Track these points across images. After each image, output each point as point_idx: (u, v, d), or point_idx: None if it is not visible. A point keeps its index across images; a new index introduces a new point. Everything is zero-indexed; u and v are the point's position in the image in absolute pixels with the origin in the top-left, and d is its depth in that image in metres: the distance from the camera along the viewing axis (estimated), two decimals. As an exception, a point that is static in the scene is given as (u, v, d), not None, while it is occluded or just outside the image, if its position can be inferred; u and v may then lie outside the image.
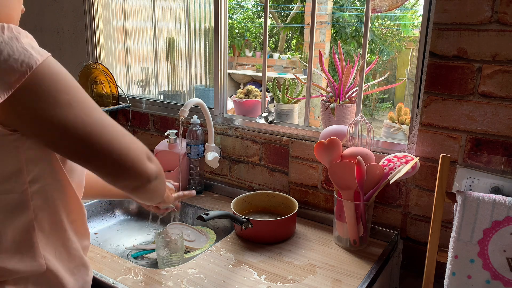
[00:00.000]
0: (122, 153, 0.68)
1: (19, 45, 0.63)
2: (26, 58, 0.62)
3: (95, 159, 0.68)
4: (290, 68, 6.68)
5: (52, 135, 0.65)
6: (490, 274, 0.94)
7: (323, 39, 6.18)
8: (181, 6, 1.83)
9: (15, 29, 0.64)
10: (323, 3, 6.23)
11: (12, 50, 0.62)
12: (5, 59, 0.61)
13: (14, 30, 0.64)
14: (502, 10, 1.02)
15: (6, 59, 0.61)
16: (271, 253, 1.20)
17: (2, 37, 0.62)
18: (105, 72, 1.83)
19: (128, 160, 0.69)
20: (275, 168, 1.51)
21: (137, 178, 0.71)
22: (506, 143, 1.07)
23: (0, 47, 0.61)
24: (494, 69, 1.05)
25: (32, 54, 0.63)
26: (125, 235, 1.49)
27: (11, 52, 0.61)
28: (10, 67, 0.61)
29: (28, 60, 0.62)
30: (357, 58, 1.37)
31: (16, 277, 0.71)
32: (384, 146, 1.30)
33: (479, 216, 0.93)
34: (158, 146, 1.66)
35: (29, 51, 0.63)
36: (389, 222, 1.31)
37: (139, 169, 0.71)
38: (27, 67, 0.62)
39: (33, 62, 0.63)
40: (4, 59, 0.61)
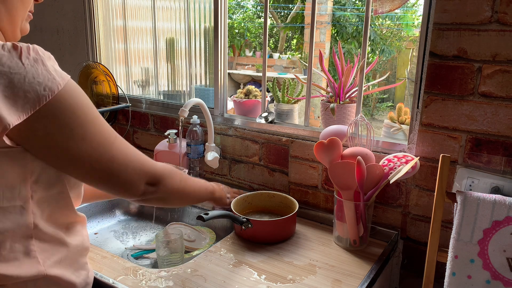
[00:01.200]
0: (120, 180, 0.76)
1: (43, 68, 0.64)
2: (50, 82, 0.64)
3: (96, 182, 0.75)
4: (290, 68, 6.68)
5: (61, 163, 0.71)
6: (490, 274, 0.94)
7: (323, 39, 6.18)
8: (181, 6, 1.83)
9: (40, 51, 0.66)
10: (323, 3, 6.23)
11: (36, 73, 0.63)
12: (30, 81, 0.62)
13: (40, 52, 0.66)
14: (502, 10, 1.02)
15: (30, 82, 0.62)
16: (271, 253, 1.20)
17: (28, 59, 0.63)
18: (105, 72, 1.83)
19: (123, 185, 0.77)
20: (275, 168, 1.51)
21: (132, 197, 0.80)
22: (506, 143, 1.07)
23: (26, 69, 0.63)
24: (494, 69, 1.05)
25: (55, 78, 0.65)
26: (125, 235, 1.50)
27: (36, 74, 0.63)
28: (33, 90, 0.62)
29: (51, 84, 0.64)
30: (357, 58, 1.37)
31: (14, 282, 0.71)
32: (384, 146, 1.30)
33: (479, 216, 0.93)
34: (158, 146, 1.66)
35: (52, 74, 0.65)
36: (389, 222, 1.31)
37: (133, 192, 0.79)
38: (50, 91, 0.64)
39: (55, 87, 0.65)
40: (29, 81, 0.62)
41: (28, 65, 0.63)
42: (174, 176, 0.87)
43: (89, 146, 0.70)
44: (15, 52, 0.63)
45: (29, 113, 0.62)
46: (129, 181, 0.77)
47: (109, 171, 0.74)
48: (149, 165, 0.81)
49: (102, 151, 0.72)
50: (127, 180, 0.76)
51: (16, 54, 0.63)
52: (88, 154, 0.70)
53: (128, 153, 0.77)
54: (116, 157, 0.74)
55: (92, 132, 0.71)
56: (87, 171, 0.72)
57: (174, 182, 0.86)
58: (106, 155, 0.73)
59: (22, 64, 0.63)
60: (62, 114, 0.66)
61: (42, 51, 0.66)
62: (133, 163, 0.77)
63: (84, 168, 0.72)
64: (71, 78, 0.69)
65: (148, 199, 0.82)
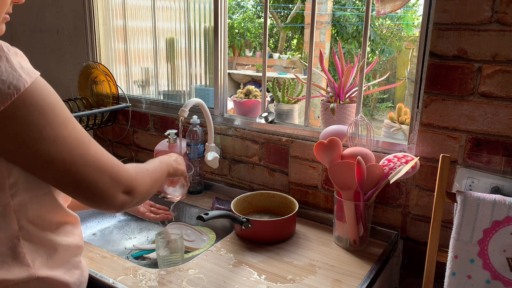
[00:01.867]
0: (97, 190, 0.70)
1: (8, 65, 0.61)
2: (14, 79, 0.60)
3: (70, 190, 0.70)
4: (290, 68, 6.68)
5: (32, 167, 0.66)
6: (490, 274, 0.94)
7: (323, 39, 6.18)
8: (181, 6, 1.83)
9: (5, 47, 0.62)
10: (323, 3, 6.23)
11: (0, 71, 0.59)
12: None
13: (4, 48, 0.62)
14: (502, 10, 1.02)
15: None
16: (271, 253, 1.20)
17: None
18: (105, 72, 1.83)
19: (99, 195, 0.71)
20: (275, 168, 1.51)
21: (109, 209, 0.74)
22: (506, 143, 1.07)
23: None
24: (494, 69, 1.05)
25: (21, 76, 0.61)
26: (125, 235, 1.50)
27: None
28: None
29: (16, 82, 0.60)
30: (357, 58, 1.37)
31: (5, 285, 0.70)
32: (384, 146, 1.30)
33: (479, 216, 0.93)
34: (158, 146, 1.66)
35: (18, 71, 0.61)
36: (389, 222, 1.31)
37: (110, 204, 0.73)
38: (15, 89, 0.60)
39: (21, 84, 0.61)
40: None
41: None
42: (145, 177, 0.82)
43: (61, 149, 0.65)
44: None
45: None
46: (106, 191, 0.71)
47: (84, 178, 0.68)
48: (124, 172, 0.74)
49: (75, 155, 0.67)
50: (104, 189, 0.70)
51: None
52: (60, 158, 0.65)
53: (104, 158, 0.71)
54: (92, 162, 0.69)
55: (64, 134, 0.66)
56: (60, 177, 0.67)
57: (147, 184, 0.81)
58: (81, 160, 0.67)
59: None
60: (30, 113, 0.62)
61: (7, 47, 0.62)
62: (109, 170, 0.71)
63: (56, 173, 0.66)
64: (40, 76, 0.65)
65: (125, 209, 0.76)
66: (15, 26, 2.30)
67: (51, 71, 2.20)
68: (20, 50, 0.66)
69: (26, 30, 2.26)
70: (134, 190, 0.76)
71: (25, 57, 0.66)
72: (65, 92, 2.11)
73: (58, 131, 0.65)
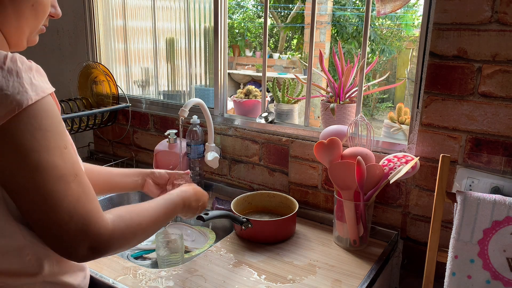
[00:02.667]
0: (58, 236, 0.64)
1: (17, 79, 0.60)
2: (19, 95, 0.59)
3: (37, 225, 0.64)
4: (290, 68, 6.68)
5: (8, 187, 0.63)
6: (490, 274, 0.94)
7: (323, 39, 6.18)
8: (181, 6, 1.83)
9: (19, 61, 0.61)
10: (323, 3, 6.23)
11: (6, 85, 0.59)
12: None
13: (18, 62, 0.61)
14: (502, 10, 1.02)
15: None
16: (271, 253, 1.20)
17: (2, 68, 0.59)
18: (105, 72, 1.83)
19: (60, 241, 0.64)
20: (275, 168, 1.51)
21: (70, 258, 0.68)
22: (506, 143, 1.07)
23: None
24: (494, 69, 1.05)
25: (27, 92, 0.60)
26: (125, 235, 1.49)
27: (5, 86, 0.58)
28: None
29: (20, 97, 0.59)
30: (357, 58, 1.37)
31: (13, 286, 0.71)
32: (384, 146, 1.30)
33: (479, 216, 0.93)
34: (158, 146, 1.66)
35: (25, 87, 0.60)
36: (389, 222, 1.31)
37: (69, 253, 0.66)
38: (17, 104, 0.59)
39: (24, 100, 0.59)
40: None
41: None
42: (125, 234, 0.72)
43: (39, 179, 0.61)
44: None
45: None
46: (69, 239, 0.63)
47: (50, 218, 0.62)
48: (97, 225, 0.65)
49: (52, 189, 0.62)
50: (66, 237, 0.63)
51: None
52: (35, 187, 0.61)
53: (81, 202, 0.64)
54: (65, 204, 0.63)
55: (47, 164, 0.62)
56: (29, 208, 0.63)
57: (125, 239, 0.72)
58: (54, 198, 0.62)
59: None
60: (22, 133, 0.60)
61: (22, 61, 0.62)
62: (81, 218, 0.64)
63: (26, 203, 0.62)
64: (50, 95, 0.63)
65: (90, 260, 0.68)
66: (15, 26, 2.30)
67: (51, 71, 2.20)
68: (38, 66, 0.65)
69: (26, 30, 2.26)
70: (101, 248, 0.67)
71: (43, 73, 0.64)
72: (65, 92, 2.11)
73: (42, 158, 0.61)
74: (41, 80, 0.63)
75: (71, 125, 1.74)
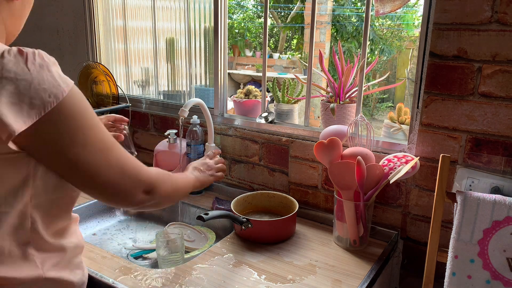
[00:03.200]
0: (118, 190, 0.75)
1: (49, 74, 0.64)
2: (55, 88, 0.64)
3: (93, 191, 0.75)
4: (290, 68, 6.68)
5: (62, 169, 0.70)
6: (490, 274, 0.94)
7: (323, 39, 6.17)
8: (181, 6, 1.83)
9: (45, 56, 0.65)
10: (323, 3, 6.22)
11: (42, 79, 0.63)
12: (35, 88, 0.62)
13: (45, 57, 0.65)
14: (502, 10, 1.02)
15: (36, 88, 0.62)
16: (271, 253, 1.20)
17: (34, 65, 0.63)
18: (105, 72, 1.83)
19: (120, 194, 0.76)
20: (275, 168, 1.51)
21: (129, 206, 0.80)
22: (506, 143, 1.07)
23: (32, 75, 0.62)
24: (494, 69, 1.05)
25: (60, 85, 0.65)
26: (125, 235, 1.50)
27: (42, 81, 0.63)
28: (39, 97, 0.62)
29: (56, 91, 0.64)
30: (357, 58, 1.37)
31: (14, 284, 0.72)
32: (384, 146, 1.30)
33: (479, 216, 0.93)
34: (158, 146, 1.66)
35: (57, 81, 0.64)
36: (389, 222, 1.31)
37: (129, 201, 0.78)
38: (55, 98, 0.64)
39: (60, 93, 0.64)
40: (34, 88, 0.62)
41: (34, 71, 0.62)
42: (166, 181, 0.86)
43: (89, 152, 0.70)
44: (20, 57, 0.62)
45: (34, 119, 0.62)
46: (127, 190, 0.76)
47: (107, 179, 0.73)
48: (145, 173, 0.80)
49: (101, 158, 0.72)
50: (125, 189, 0.76)
51: (22, 60, 0.62)
52: (87, 161, 0.70)
53: (125, 160, 0.76)
54: (115, 164, 0.74)
55: (93, 139, 0.70)
56: (87, 178, 0.72)
57: (167, 187, 0.86)
58: (106, 162, 0.72)
59: (28, 70, 0.62)
60: (65, 120, 0.66)
61: (47, 56, 0.66)
62: (130, 172, 0.77)
63: (84, 175, 0.71)
64: (74, 84, 0.68)
65: (143, 206, 0.82)
66: (15, 26, 2.30)
67: (51, 71, 2.20)
68: None
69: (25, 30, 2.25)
70: (153, 189, 0.80)
71: (59, 66, 0.68)
72: (65, 92, 2.11)
73: (88, 135, 0.69)
74: (61, 72, 0.68)
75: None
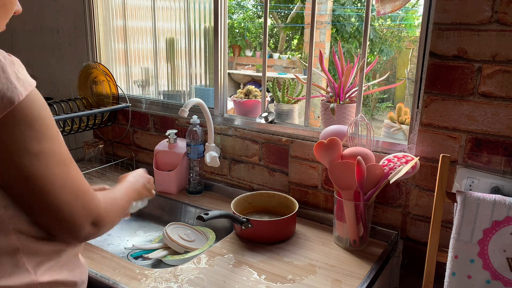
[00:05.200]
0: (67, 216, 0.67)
1: (3, 75, 0.59)
2: (9, 92, 0.58)
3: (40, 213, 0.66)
4: (290, 68, 6.68)
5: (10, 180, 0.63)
6: (490, 274, 0.94)
7: (323, 39, 6.17)
8: (181, 6, 1.83)
9: (1, 56, 0.60)
10: (323, 3, 6.22)
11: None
12: None
13: (1, 57, 0.60)
14: (502, 10, 1.02)
15: None
16: (271, 253, 1.20)
17: None
18: (105, 72, 1.83)
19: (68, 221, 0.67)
20: (275, 168, 1.51)
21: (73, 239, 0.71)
22: (506, 143, 1.07)
23: None
24: (494, 69, 1.05)
25: (16, 88, 0.59)
26: (125, 235, 1.49)
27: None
28: None
29: (11, 94, 0.59)
30: (357, 58, 1.37)
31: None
32: (384, 146, 1.30)
33: (479, 216, 0.93)
34: (158, 146, 1.66)
35: (13, 83, 0.59)
36: (389, 222, 1.31)
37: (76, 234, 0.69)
38: (8, 102, 0.58)
39: (15, 96, 0.59)
40: None
41: None
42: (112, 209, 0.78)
43: (43, 165, 0.63)
44: None
45: None
46: (76, 218, 0.67)
47: (59, 200, 0.65)
48: (97, 202, 0.71)
49: (56, 174, 0.64)
50: (74, 216, 0.67)
51: None
52: (40, 174, 0.63)
53: (82, 182, 0.69)
54: (70, 184, 0.66)
55: (49, 150, 0.63)
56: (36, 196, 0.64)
57: (113, 216, 0.78)
58: (60, 181, 0.65)
59: None
60: (19, 126, 0.60)
61: (3, 55, 0.60)
62: (84, 196, 0.68)
63: (33, 191, 0.63)
64: (36, 88, 0.63)
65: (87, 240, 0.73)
66: (15, 25, 2.30)
67: (51, 71, 2.20)
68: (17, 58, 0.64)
69: (26, 30, 2.26)
70: (101, 222, 0.72)
71: (22, 66, 0.64)
72: (65, 92, 2.11)
73: (43, 146, 0.63)
74: (25, 74, 0.63)
75: (71, 125, 1.74)
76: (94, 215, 0.70)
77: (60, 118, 1.56)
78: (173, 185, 1.61)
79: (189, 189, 1.63)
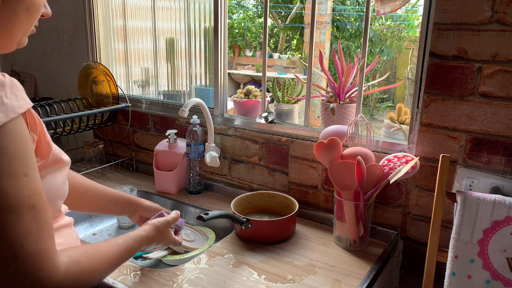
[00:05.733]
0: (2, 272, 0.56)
1: None
2: None
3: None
4: (290, 68, 6.68)
5: None
6: (490, 274, 0.94)
7: (323, 39, 6.17)
8: (181, 6, 1.83)
9: None
10: (323, 3, 6.23)
11: None
12: None
13: None
14: (502, 10, 1.02)
15: None
16: (271, 253, 1.20)
17: None
18: (105, 72, 1.83)
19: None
20: (275, 168, 1.51)
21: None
22: (506, 143, 1.07)
23: None
24: (494, 69, 1.05)
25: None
26: (125, 235, 1.49)
27: None
28: None
29: None
30: (357, 58, 1.37)
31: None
32: (384, 146, 1.30)
33: (479, 216, 0.93)
34: (158, 146, 1.66)
35: None
36: (389, 222, 1.31)
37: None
38: None
39: None
40: None
41: None
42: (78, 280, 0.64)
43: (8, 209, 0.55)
44: None
45: None
46: (7, 279, 0.55)
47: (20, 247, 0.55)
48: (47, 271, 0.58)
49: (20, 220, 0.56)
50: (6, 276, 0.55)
51: None
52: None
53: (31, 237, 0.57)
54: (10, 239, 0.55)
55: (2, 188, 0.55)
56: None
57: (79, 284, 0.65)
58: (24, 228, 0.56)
59: None
60: None
61: None
62: (25, 255, 0.56)
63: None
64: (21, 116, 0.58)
65: None
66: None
67: (51, 71, 2.20)
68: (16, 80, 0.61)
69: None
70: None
71: (17, 87, 0.59)
72: (65, 92, 2.11)
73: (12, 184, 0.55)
74: (14, 97, 0.58)
75: (71, 125, 1.74)
76: (37, 284, 0.57)
77: (60, 118, 1.57)
78: (173, 185, 1.61)
79: (189, 189, 1.63)
